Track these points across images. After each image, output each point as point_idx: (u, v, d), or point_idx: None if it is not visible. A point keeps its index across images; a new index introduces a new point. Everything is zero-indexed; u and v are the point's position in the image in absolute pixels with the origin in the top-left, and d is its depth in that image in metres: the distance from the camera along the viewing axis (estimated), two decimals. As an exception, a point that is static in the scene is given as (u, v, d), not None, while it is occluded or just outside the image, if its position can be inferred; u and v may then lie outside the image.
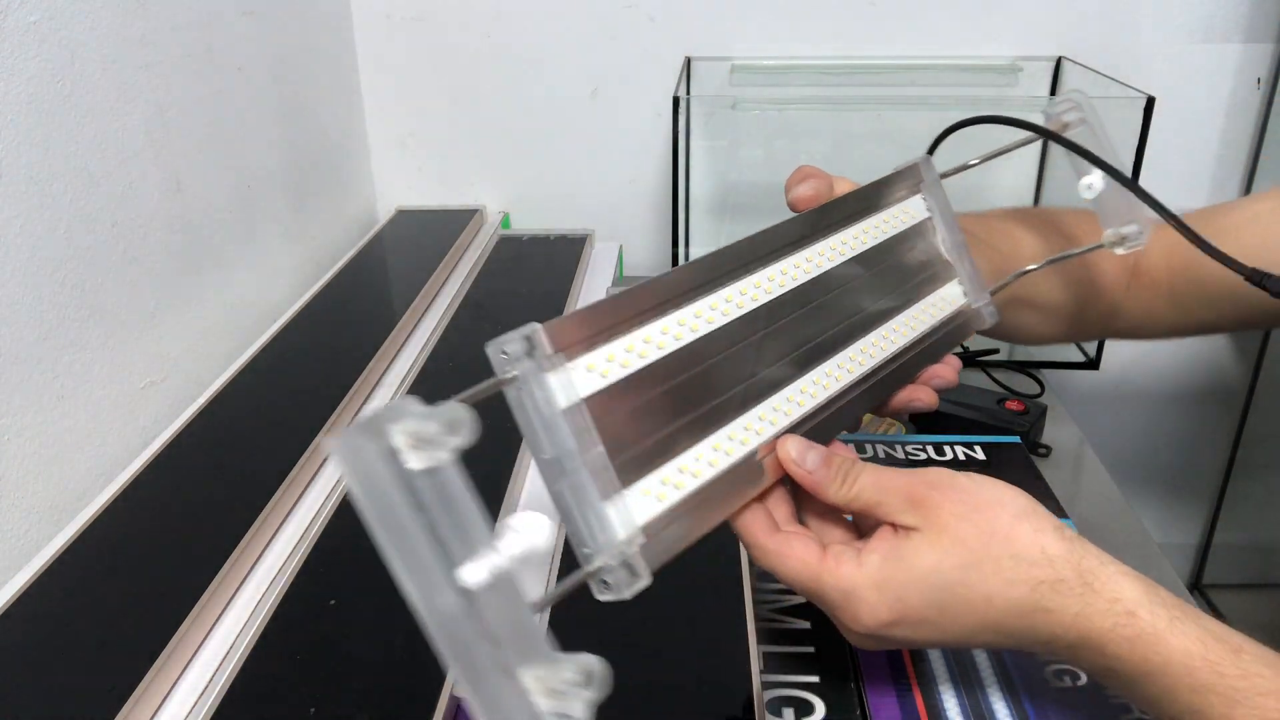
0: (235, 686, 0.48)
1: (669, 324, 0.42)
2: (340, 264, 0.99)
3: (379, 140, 1.16)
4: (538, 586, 0.56)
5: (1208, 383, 1.24)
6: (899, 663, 0.53)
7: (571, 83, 1.11)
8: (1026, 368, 0.94)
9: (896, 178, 0.54)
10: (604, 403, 0.39)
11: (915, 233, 0.54)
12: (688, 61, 1.06)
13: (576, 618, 0.53)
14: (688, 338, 0.42)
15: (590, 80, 1.11)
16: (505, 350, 0.36)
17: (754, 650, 0.50)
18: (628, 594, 0.38)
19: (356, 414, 0.74)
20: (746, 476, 0.43)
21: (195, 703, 0.49)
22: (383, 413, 0.29)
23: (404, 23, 1.10)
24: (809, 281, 0.48)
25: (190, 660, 0.51)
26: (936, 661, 0.53)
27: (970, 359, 0.93)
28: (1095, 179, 0.54)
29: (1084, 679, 0.51)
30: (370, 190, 1.18)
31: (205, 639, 0.53)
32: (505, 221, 1.17)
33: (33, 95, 0.61)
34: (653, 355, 0.41)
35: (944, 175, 0.56)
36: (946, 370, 0.53)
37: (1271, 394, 1.19)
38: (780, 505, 0.45)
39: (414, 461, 0.29)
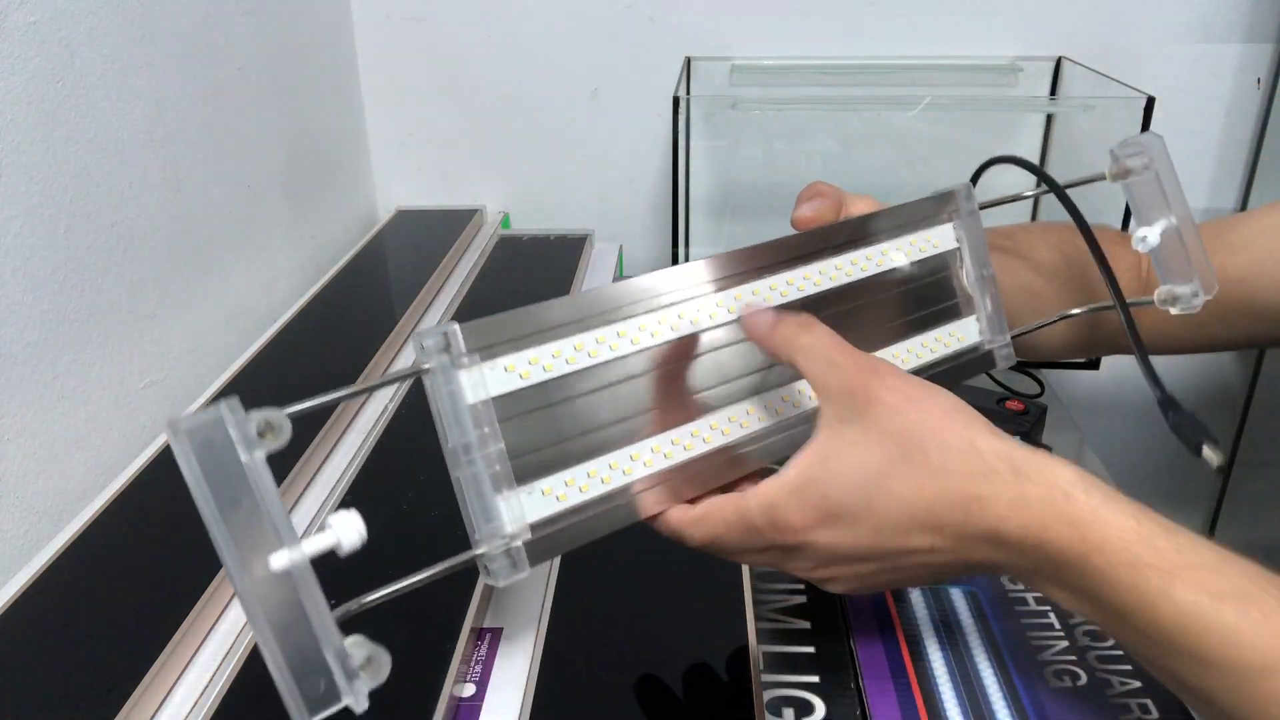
0: (235, 686, 0.48)
1: (609, 334, 0.42)
2: (340, 264, 0.99)
3: (379, 140, 1.16)
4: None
5: (1208, 382, 1.24)
6: (899, 663, 0.53)
7: (571, 83, 1.11)
8: (1026, 368, 0.94)
9: (930, 202, 0.52)
10: (517, 402, 0.40)
11: (938, 262, 0.52)
12: (688, 61, 1.06)
13: (576, 617, 0.53)
14: (626, 349, 0.42)
15: (590, 80, 1.11)
16: (424, 343, 0.39)
17: (754, 650, 0.50)
18: (503, 583, 0.40)
19: (355, 414, 0.74)
20: (664, 490, 0.43)
21: (195, 703, 0.49)
22: (220, 409, 0.33)
23: (404, 23, 1.10)
24: (791, 303, 0.47)
25: (190, 660, 0.51)
26: (937, 662, 0.53)
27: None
28: (1151, 233, 0.52)
29: (1084, 679, 0.51)
30: (370, 190, 1.18)
31: (205, 639, 0.53)
32: (505, 221, 1.17)
33: (33, 95, 0.61)
34: (583, 363, 0.41)
35: (984, 206, 0.53)
36: None
37: (1271, 394, 1.19)
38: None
39: (242, 454, 0.33)
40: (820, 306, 0.47)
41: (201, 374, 0.79)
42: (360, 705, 0.34)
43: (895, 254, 0.50)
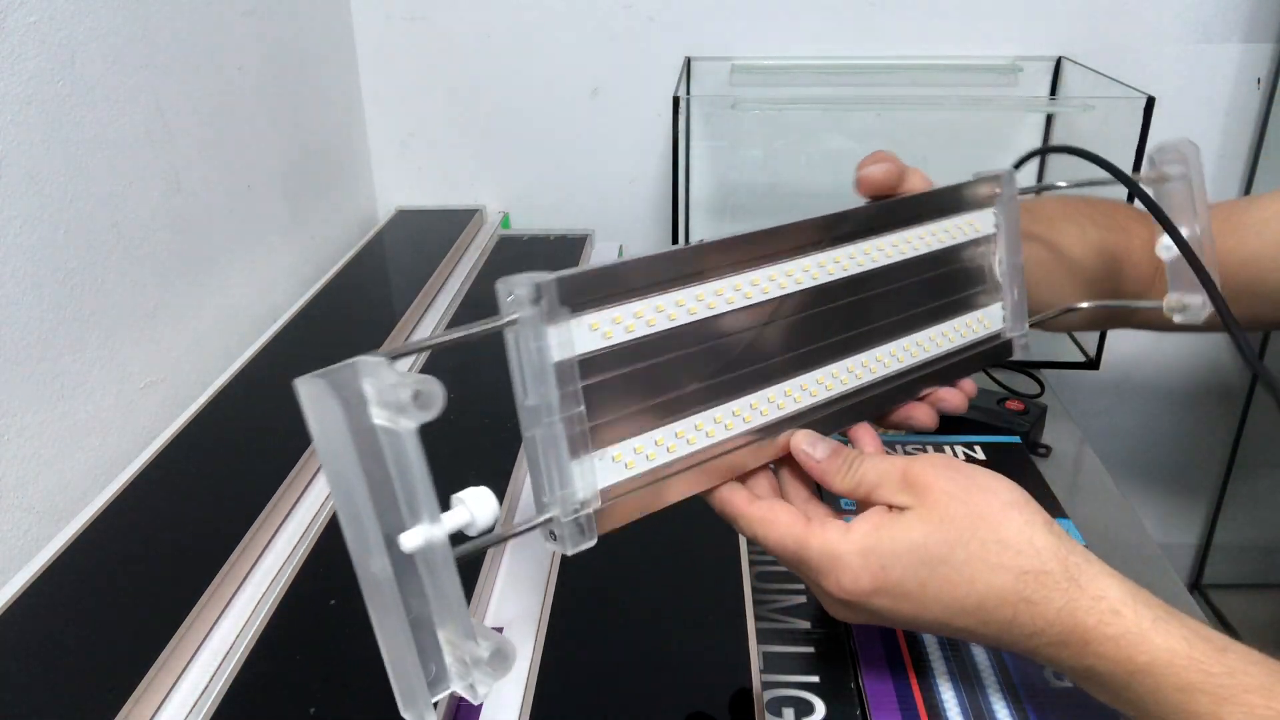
0: (235, 686, 0.48)
1: (687, 296, 0.41)
2: (340, 264, 0.99)
3: (379, 140, 1.16)
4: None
5: (1208, 382, 1.24)
6: (899, 663, 0.53)
7: (571, 83, 1.11)
8: (1026, 368, 0.94)
9: (974, 186, 0.52)
10: (599, 363, 0.39)
11: (974, 246, 0.52)
12: (688, 61, 1.06)
13: (576, 617, 0.53)
14: (702, 314, 0.42)
15: (590, 80, 1.11)
16: (513, 292, 0.36)
17: (754, 650, 0.50)
18: (571, 550, 0.38)
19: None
20: (722, 462, 0.43)
21: (195, 703, 0.49)
22: (358, 366, 0.29)
23: (404, 23, 1.10)
24: (845, 279, 0.47)
25: (190, 660, 0.51)
26: (937, 661, 0.53)
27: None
28: (1170, 241, 0.52)
29: (1084, 679, 0.51)
30: (370, 190, 1.18)
31: (205, 639, 0.53)
32: (505, 221, 1.17)
33: (33, 95, 0.61)
34: (661, 325, 0.40)
35: (1022, 192, 0.53)
36: (955, 396, 0.52)
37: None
38: (761, 482, 0.46)
39: (379, 418, 0.29)
40: (861, 287, 0.47)
41: (201, 374, 0.79)
42: (479, 697, 0.32)
43: (941, 235, 0.50)
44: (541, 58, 1.10)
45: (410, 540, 0.30)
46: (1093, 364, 0.99)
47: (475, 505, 0.32)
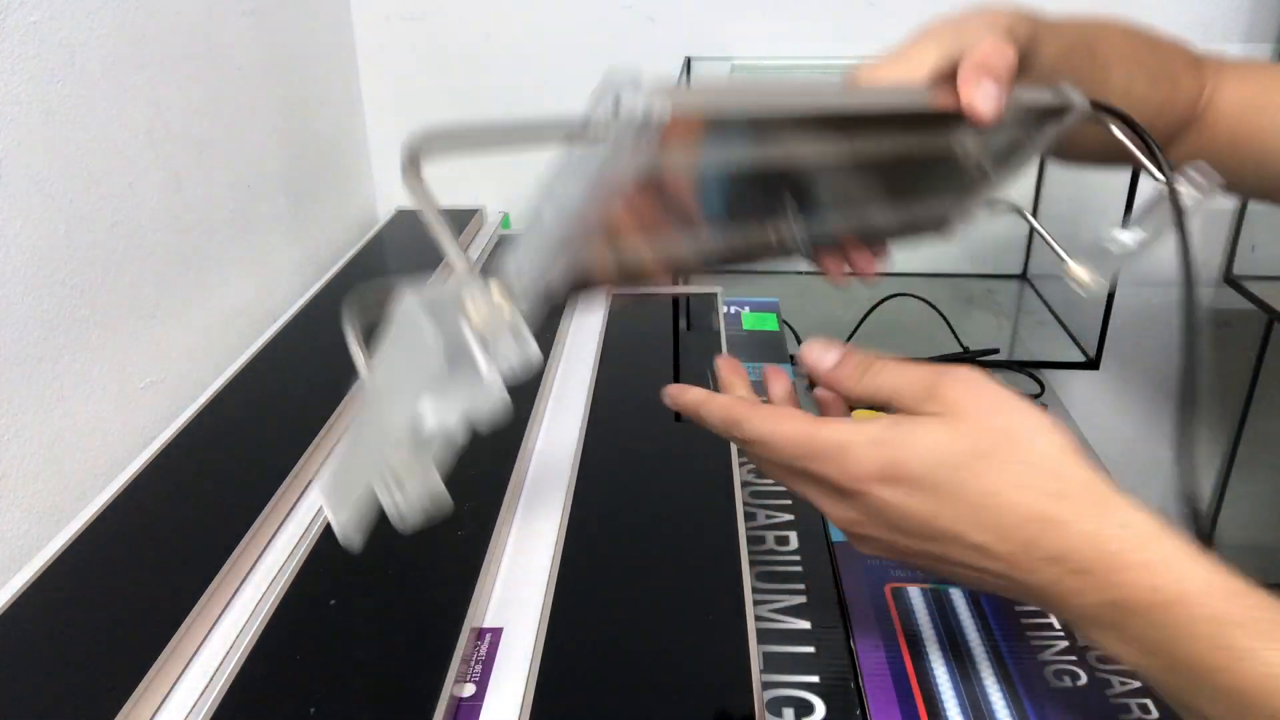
0: (235, 686, 0.48)
1: (761, 138, 0.39)
2: (340, 264, 0.99)
3: (379, 140, 1.16)
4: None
5: (1208, 382, 1.24)
6: (899, 662, 0.53)
7: (571, 83, 1.11)
8: (1026, 368, 0.94)
9: (1044, 105, 0.48)
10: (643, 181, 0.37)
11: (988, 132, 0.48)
12: (688, 61, 1.06)
13: (576, 617, 0.53)
14: (757, 157, 0.40)
15: (590, 80, 1.11)
16: (623, 100, 0.32)
17: (754, 650, 0.50)
18: (517, 359, 0.35)
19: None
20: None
21: (195, 703, 0.49)
22: (466, 302, 0.29)
23: (404, 23, 1.10)
24: (886, 156, 0.45)
25: (190, 660, 0.51)
26: (937, 661, 0.53)
27: (970, 359, 0.93)
28: (1128, 237, 0.49)
29: (1084, 679, 0.51)
30: (370, 190, 1.18)
31: (205, 639, 0.53)
32: (505, 221, 1.17)
33: (33, 95, 0.61)
34: (718, 163, 0.39)
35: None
36: (868, 263, 0.50)
37: (1272, 394, 1.19)
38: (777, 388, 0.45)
39: (470, 329, 0.29)
40: (889, 165, 0.46)
41: (201, 374, 0.79)
42: (405, 524, 0.34)
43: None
44: (541, 58, 1.10)
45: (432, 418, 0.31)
46: (1093, 364, 0.99)
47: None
